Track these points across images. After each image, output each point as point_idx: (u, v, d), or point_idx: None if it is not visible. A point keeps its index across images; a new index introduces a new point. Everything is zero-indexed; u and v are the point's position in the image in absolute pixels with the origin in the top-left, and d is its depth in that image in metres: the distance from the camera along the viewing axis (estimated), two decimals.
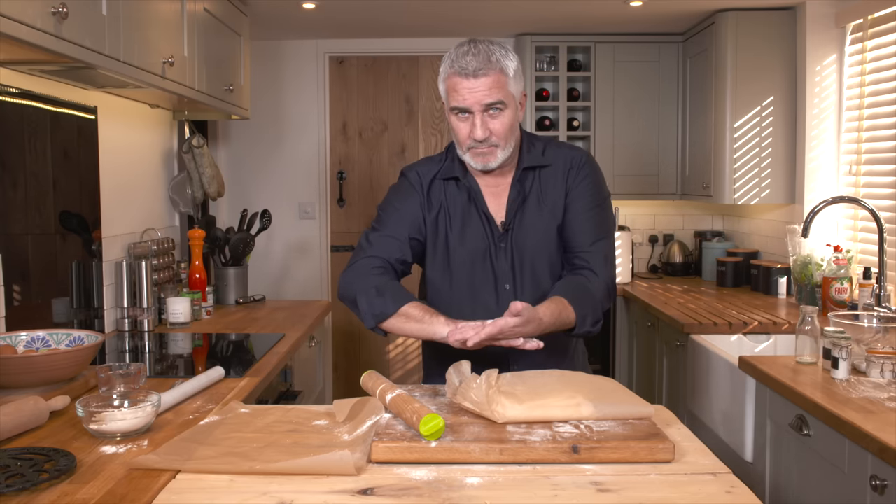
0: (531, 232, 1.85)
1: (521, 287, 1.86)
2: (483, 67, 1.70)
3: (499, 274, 1.85)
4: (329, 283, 4.62)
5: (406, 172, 1.94)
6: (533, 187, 1.87)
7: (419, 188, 1.89)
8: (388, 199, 1.94)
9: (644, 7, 3.66)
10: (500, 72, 1.72)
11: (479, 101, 1.72)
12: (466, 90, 1.72)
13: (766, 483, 2.30)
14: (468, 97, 1.72)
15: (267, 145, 4.55)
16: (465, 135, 1.77)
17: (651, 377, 3.63)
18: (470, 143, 1.77)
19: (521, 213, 1.86)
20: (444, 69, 1.76)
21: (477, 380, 1.48)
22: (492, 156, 1.78)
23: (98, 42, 1.90)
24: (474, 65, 1.70)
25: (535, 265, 1.85)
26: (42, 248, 2.36)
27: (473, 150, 1.78)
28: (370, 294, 1.76)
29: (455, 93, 1.74)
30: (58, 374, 1.77)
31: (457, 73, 1.72)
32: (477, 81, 1.71)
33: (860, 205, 2.90)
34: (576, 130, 4.38)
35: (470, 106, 1.73)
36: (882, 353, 2.02)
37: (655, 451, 1.34)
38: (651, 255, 4.63)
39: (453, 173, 1.88)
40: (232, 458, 1.33)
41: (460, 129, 1.77)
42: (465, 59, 1.71)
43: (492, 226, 1.86)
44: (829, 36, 3.52)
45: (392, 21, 4.03)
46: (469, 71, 1.70)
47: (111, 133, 2.82)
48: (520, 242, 1.85)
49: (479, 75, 1.70)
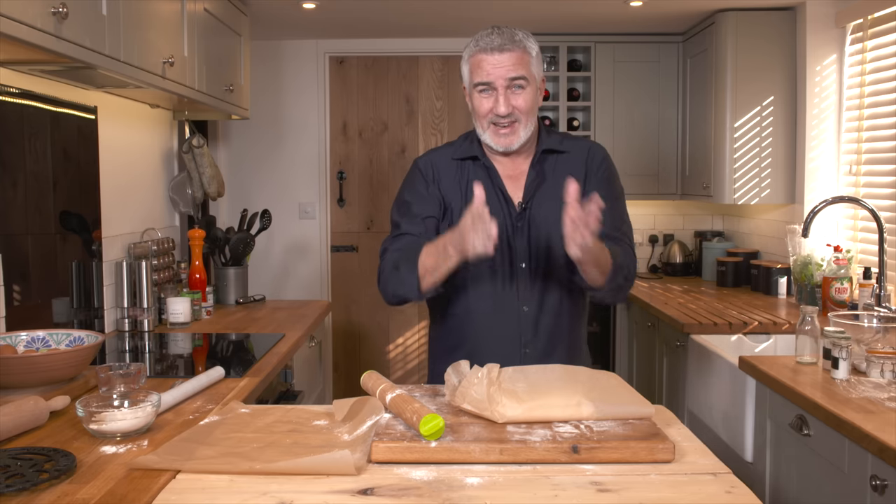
0: (549, 212, 1.86)
1: (536, 266, 1.87)
2: (508, 44, 1.76)
3: (515, 253, 1.87)
4: (329, 283, 4.62)
5: (418, 161, 1.97)
6: (551, 170, 1.90)
7: (431, 174, 1.92)
8: (401, 195, 1.95)
9: (644, 7, 3.66)
10: (523, 50, 1.78)
11: (503, 76, 1.76)
12: (490, 65, 1.76)
13: (766, 483, 2.30)
14: (492, 72, 1.76)
15: (267, 145, 4.55)
16: (487, 110, 1.80)
17: (651, 377, 3.63)
18: (491, 117, 1.80)
19: (539, 193, 1.88)
20: (468, 50, 1.81)
21: (478, 374, 1.48)
22: (514, 135, 1.81)
23: (98, 42, 1.90)
24: (499, 41, 1.76)
25: (551, 245, 1.87)
26: (42, 248, 2.35)
27: (495, 128, 1.81)
28: (395, 277, 1.79)
29: (479, 69, 1.78)
30: (58, 374, 1.77)
31: (481, 49, 1.78)
32: (502, 56, 1.76)
33: (860, 205, 2.90)
34: (576, 130, 4.38)
35: (494, 80, 1.77)
36: (882, 353, 2.02)
37: (655, 451, 1.34)
38: (651, 255, 4.64)
39: (472, 153, 1.90)
40: (232, 458, 1.33)
41: (482, 105, 1.80)
42: (490, 38, 1.77)
43: (509, 205, 1.87)
44: (829, 36, 3.52)
45: (392, 21, 4.04)
46: (494, 46, 1.76)
47: (111, 133, 2.82)
48: (537, 222, 1.87)
49: (504, 50, 1.76)
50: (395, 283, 1.79)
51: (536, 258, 1.87)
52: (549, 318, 1.88)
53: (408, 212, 1.90)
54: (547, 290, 1.88)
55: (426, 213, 1.89)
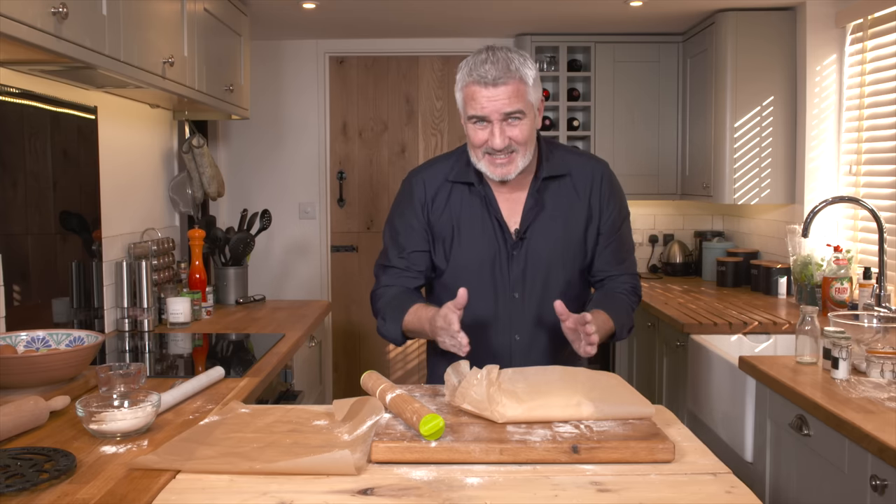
0: (546, 241, 1.84)
1: (529, 296, 1.85)
2: (502, 76, 1.67)
3: (508, 282, 1.84)
4: (329, 283, 4.62)
5: (412, 179, 1.91)
6: (550, 197, 1.85)
7: (422, 198, 1.87)
8: (392, 218, 1.93)
9: (644, 7, 3.66)
10: (519, 80, 1.69)
11: (498, 111, 1.69)
12: (485, 99, 1.68)
13: (766, 483, 2.30)
14: (487, 106, 1.69)
15: (267, 145, 4.55)
16: (482, 141, 1.73)
17: (651, 377, 3.63)
18: (486, 149, 1.74)
19: (537, 222, 1.84)
20: (462, 77, 1.73)
21: (478, 375, 1.48)
22: (511, 165, 1.74)
23: (98, 42, 1.90)
24: (493, 73, 1.66)
25: (547, 275, 1.84)
26: (42, 248, 2.35)
27: (490, 159, 1.75)
28: (381, 325, 1.87)
29: (473, 101, 1.70)
30: (58, 374, 1.77)
31: (475, 81, 1.69)
32: (496, 90, 1.67)
33: (860, 205, 2.90)
34: (576, 130, 4.38)
35: (488, 115, 1.70)
36: (882, 353, 2.02)
37: (655, 451, 1.34)
38: (651, 255, 4.64)
39: (468, 178, 1.85)
40: (232, 458, 1.33)
41: (476, 136, 1.74)
42: (484, 68, 1.67)
43: (505, 233, 1.83)
44: (829, 36, 3.52)
45: (392, 21, 4.03)
46: (488, 80, 1.67)
47: (111, 133, 2.82)
48: (533, 251, 1.84)
49: (498, 84, 1.67)
50: (382, 329, 1.87)
51: (531, 288, 1.84)
52: (542, 347, 1.87)
53: (396, 242, 1.90)
54: (540, 320, 1.86)
55: (413, 248, 1.88)
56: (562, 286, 1.86)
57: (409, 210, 1.89)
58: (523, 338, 1.86)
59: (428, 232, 1.87)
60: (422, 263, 1.88)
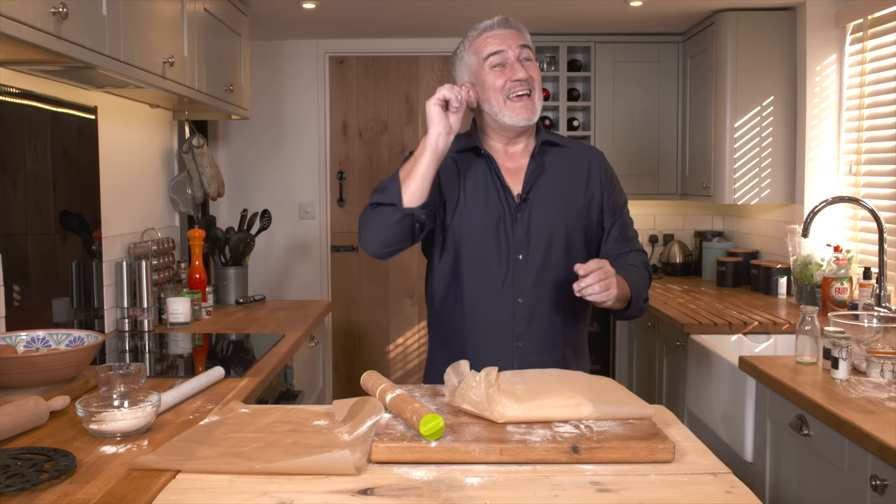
0: (548, 204, 1.88)
1: (533, 258, 1.87)
2: (511, 25, 1.87)
3: (513, 244, 1.87)
4: (329, 283, 4.62)
5: None
6: (551, 163, 1.92)
7: None
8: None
9: (644, 7, 3.66)
10: (522, 31, 1.88)
11: (513, 45, 1.83)
12: (499, 38, 1.84)
13: (766, 483, 2.30)
14: (502, 42, 1.83)
15: (267, 145, 4.55)
16: (503, 81, 1.83)
17: (651, 377, 3.63)
18: (509, 87, 1.82)
19: (539, 185, 1.89)
20: (469, 38, 1.88)
21: (476, 377, 1.48)
22: (532, 106, 1.85)
23: (98, 42, 1.90)
24: (501, 21, 1.86)
25: (550, 237, 1.87)
26: (42, 248, 2.35)
27: (513, 103, 1.83)
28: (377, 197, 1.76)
29: (487, 44, 1.83)
30: (58, 374, 1.77)
31: (485, 30, 1.85)
32: (508, 31, 1.85)
33: (860, 205, 2.90)
34: (576, 130, 4.38)
35: (506, 48, 1.82)
36: (882, 353, 2.02)
37: (655, 451, 1.34)
38: (651, 255, 4.64)
39: (472, 143, 1.91)
40: (232, 458, 1.33)
41: (497, 79, 1.82)
42: (492, 21, 1.86)
43: (508, 196, 1.88)
44: (829, 36, 3.52)
45: (392, 21, 4.04)
46: (498, 23, 1.85)
47: (111, 133, 2.82)
48: (536, 214, 1.87)
49: (508, 27, 1.86)
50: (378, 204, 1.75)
51: (534, 250, 1.86)
52: (544, 312, 1.87)
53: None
54: (544, 283, 1.87)
55: None
56: (563, 249, 1.88)
57: None
58: (526, 301, 1.87)
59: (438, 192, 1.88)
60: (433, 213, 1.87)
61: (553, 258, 1.87)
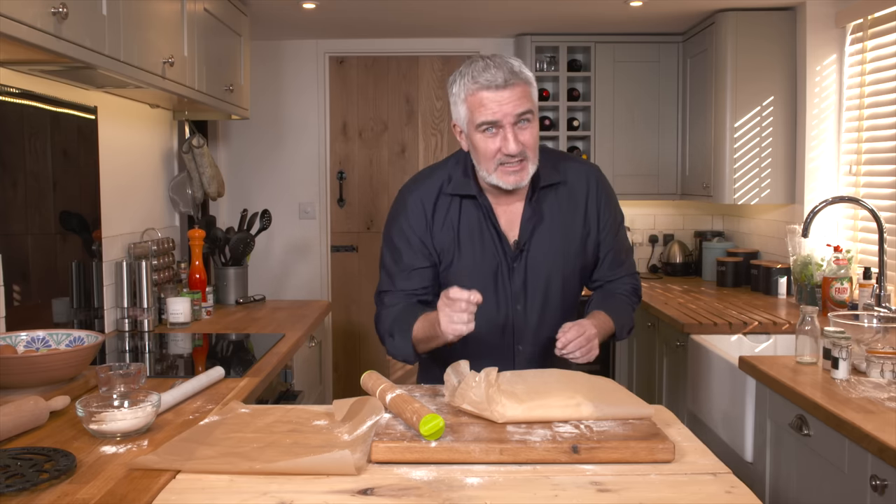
0: (546, 253, 1.83)
1: (532, 307, 1.84)
2: (511, 78, 1.65)
3: (510, 295, 1.83)
4: (329, 283, 4.62)
5: (407, 198, 1.85)
6: (548, 207, 1.83)
7: (420, 216, 1.82)
8: (390, 238, 1.86)
9: (644, 7, 3.66)
10: (525, 82, 1.68)
11: (511, 113, 1.66)
12: (496, 103, 1.65)
13: (766, 483, 2.30)
14: (498, 110, 1.65)
15: (267, 145, 4.55)
16: (495, 150, 1.69)
17: (651, 377, 3.63)
18: (500, 158, 1.70)
19: (537, 233, 1.82)
20: (464, 87, 1.69)
21: (476, 378, 1.48)
22: (524, 171, 1.72)
23: (98, 42, 1.90)
24: (501, 76, 1.64)
25: (548, 285, 1.84)
26: (42, 248, 2.35)
27: (504, 168, 1.71)
28: (391, 345, 1.82)
29: (482, 108, 1.66)
30: (58, 374, 1.77)
31: (483, 87, 1.65)
32: (506, 93, 1.65)
33: (860, 205, 2.90)
34: (576, 130, 4.38)
35: (500, 119, 1.66)
36: (882, 353, 2.02)
37: (655, 451, 1.34)
38: (651, 255, 4.63)
39: (468, 191, 1.81)
40: (232, 458, 1.33)
41: (488, 147, 1.69)
42: (490, 73, 1.65)
43: (504, 245, 1.81)
44: (829, 36, 3.52)
45: (392, 21, 4.03)
46: (498, 83, 1.64)
47: (111, 133, 2.82)
48: (534, 262, 1.82)
49: (507, 86, 1.65)
50: (392, 349, 1.82)
51: (533, 300, 1.84)
52: (545, 356, 1.87)
53: (399, 261, 1.83)
54: (542, 329, 1.86)
55: (418, 265, 1.82)
56: (561, 296, 1.87)
57: (407, 228, 1.83)
58: (525, 349, 1.86)
59: (430, 248, 1.82)
60: (427, 279, 1.83)
61: (551, 303, 1.85)
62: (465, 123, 1.73)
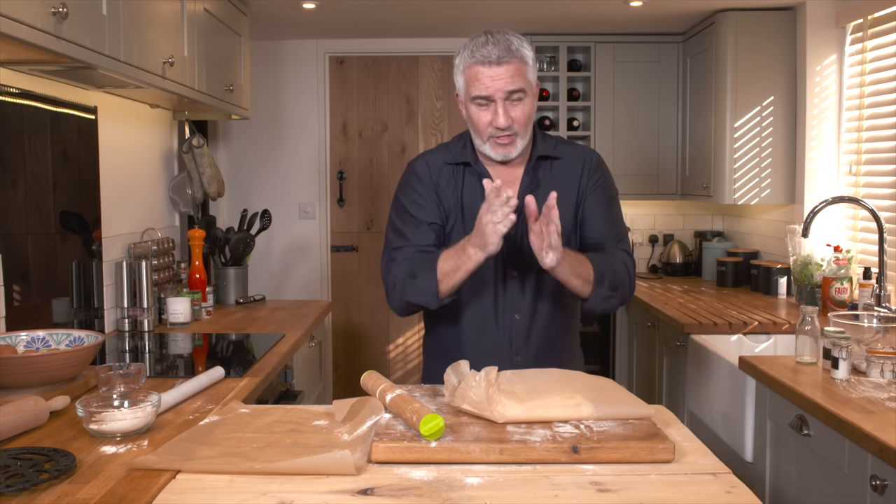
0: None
1: (528, 274, 1.86)
2: (505, 55, 1.72)
3: (507, 260, 1.85)
4: (329, 283, 4.62)
5: (414, 164, 1.93)
6: (545, 177, 1.89)
7: (428, 178, 1.88)
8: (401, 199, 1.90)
9: (644, 7, 3.66)
10: (520, 60, 1.74)
11: (502, 89, 1.73)
12: (489, 78, 1.73)
13: (766, 483, 2.30)
14: (490, 85, 1.73)
15: (267, 145, 4.55)
16: (486, 123, 1.77)
17: (651, 377, 3.63)
18: (491, 131, 1.78)
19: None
20: (463, 59, 1.77)
21: (476, 377, 1.48)
22: (512, 146, 1.80)
23: (98, 42, 1.90)
24: (496, 53, 1.72)
25: None
26: (42, 248, 2.35)
27: (494, 140, 1.79)
28: (412, 286, 1.77)
29: (477, 81, 1.74)
30: (58, 374, 1.77)
31: (478, 62, 1.73)
32: (500, 69, 1.72)
33: (860, 205, 2.90)
34: (576, 130, 4.38)
35: (493, 93, 1.74)
36: (882, 353, 2.02)
37: (655, 451, 1.34)
38: (651, 256, 4.64)
39: (465, 158, 1.88)
40: (232, 458, 1.33)
41: (481, 118, 1.78)
42: (487, 49, 1.72)
43: None
44: (829, 36, 3.52)
45: (392, 21, 4.04)
46: (492, 59, 1.72)
47: (111, 133, 2.82)
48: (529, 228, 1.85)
49: (501, 63, 1.72)
50: (412, 291, 1.77)
51: (528, 266, 1.85)
52: (540, 325, 1.88)
53: (411, 219, 1.86)
54: (539, 297, 1.87)
55: (430, 219, 1.85)
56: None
57: (418, 186, 1.88)
58: (523, 317, 1.87)
59: (439, 207, 1.87)
60: (436, 237, 1.86)
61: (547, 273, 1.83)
62: (462, 94, 1.82)
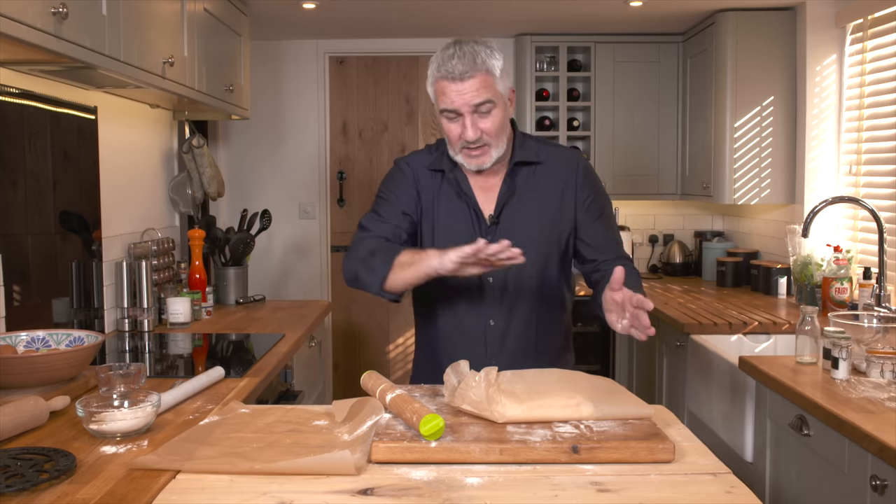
0: (520, 226, 1.85)
1: (505, 280, 1.86)
2: (469, 70, 1.71)
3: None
4: (329, 283, 4.62)
5: (398, 162, 1.97)
6: (524, 182, 1.88)
7: (410, 176, 1.91)
8: (382, 187, 1.96)
9: (644, 7, 3.66)
10: (486, 73, 1.73)
11: (468, 103, 1.73)
12: (455, 93, 1.73)
13: (766, 483, 2.30)
14: (456, 99, 1.73)
15: (267, 145, 4.55)
16: (457, 136, 1.78)
17: (651, 377, 3.63)
18: (462, 143, 1.78)
19: (511, 207, 1.87)
20: (432, 72, 1.78)
21: (476, 377, 1.48)
22: (485, 156, 1.80)
23: (98, 42, 1.90)
24: (460, 68, 1.71)
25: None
26: (42, 248, 2.35)
27: (466, 151, 1.80)
28: (366, 262, 1.78)
29: (443, 96, 1.75)
30: (58, 374, 1.77)
31: (443, 77, 1.74)
32: (464, 84, 1.72)
33: (860, 205, 2.90)
34: (576, 130, 4.38)
35: (459, 108, 1.74)
36: (882, 353, 2.02)
37: (655, 451, 1.34)
38: (651, 256, 4.63)
39: (440, 166, 1.89)
40: (232, 458, 1.33)
41: (451, 130, 1.79)
42: (451, 63, 1.72)
43: (479, 219, 1.87)
44: (829, 36, 3.52)
45: (392, 21, 4.03)
46: (455, 75, 1.71)
47: (111, 133, 2.82)
48: (508, 236, 1.81)
49: (465, 78, 1.71)
50: (364, 268, 1.78)
51: (505, 272, 1.84)
52: (516, 331, 1.88)
53: (387, 201, 1.90)
54: (515, 303, 1.88)
55: (404, 209, 1.89)
56: (537, 272, 1.88)
57: (401, 181, 1.92)
58: (498, 322, 1.88)
59: (417, 205, 1.90)
60: (409, 225, 1.89)
61: (524, 281, 1.85)
62: (434, 106, 1.82)
